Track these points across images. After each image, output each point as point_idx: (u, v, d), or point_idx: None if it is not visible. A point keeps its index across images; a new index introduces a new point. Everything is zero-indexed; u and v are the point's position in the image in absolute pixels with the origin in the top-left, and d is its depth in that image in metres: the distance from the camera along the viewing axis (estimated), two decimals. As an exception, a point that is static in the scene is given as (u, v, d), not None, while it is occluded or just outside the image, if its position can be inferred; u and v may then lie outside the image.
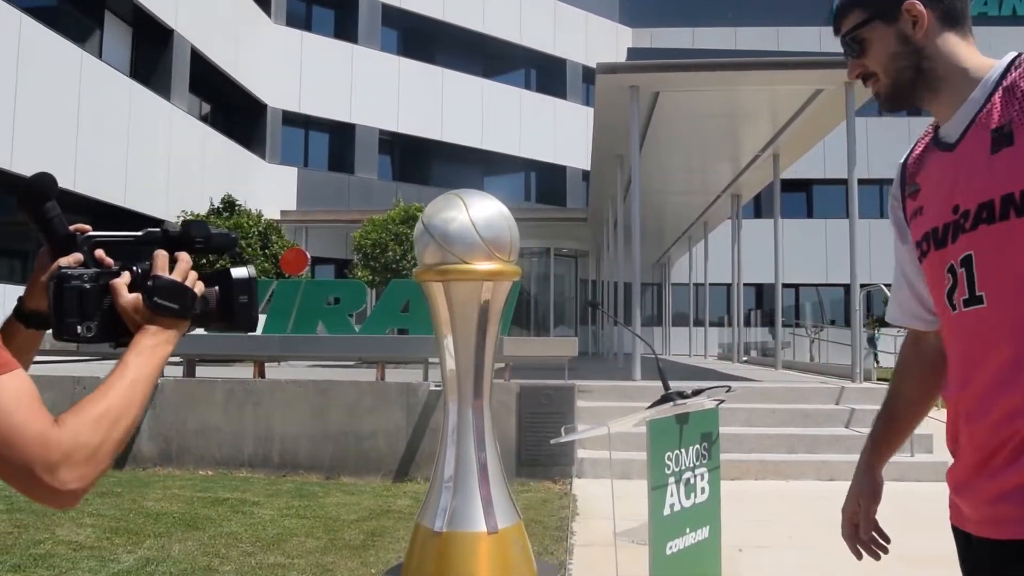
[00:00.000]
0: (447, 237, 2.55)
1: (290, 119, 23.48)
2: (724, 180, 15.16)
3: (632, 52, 21.22)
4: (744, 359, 17.06)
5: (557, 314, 22.48)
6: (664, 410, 2.67)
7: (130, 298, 1.08)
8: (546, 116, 27.67)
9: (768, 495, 6.22)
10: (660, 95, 10.30)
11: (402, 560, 2.88)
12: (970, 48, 1.33)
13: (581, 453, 6.84)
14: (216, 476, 6.87)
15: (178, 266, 1.11)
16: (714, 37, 28.10)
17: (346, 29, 24.60)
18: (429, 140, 25.56)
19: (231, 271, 1.17)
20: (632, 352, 9.24)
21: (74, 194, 14.05)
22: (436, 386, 7.02)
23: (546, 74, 28.47)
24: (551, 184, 28.03)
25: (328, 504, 5.73)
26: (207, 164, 18.99)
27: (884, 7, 1.34)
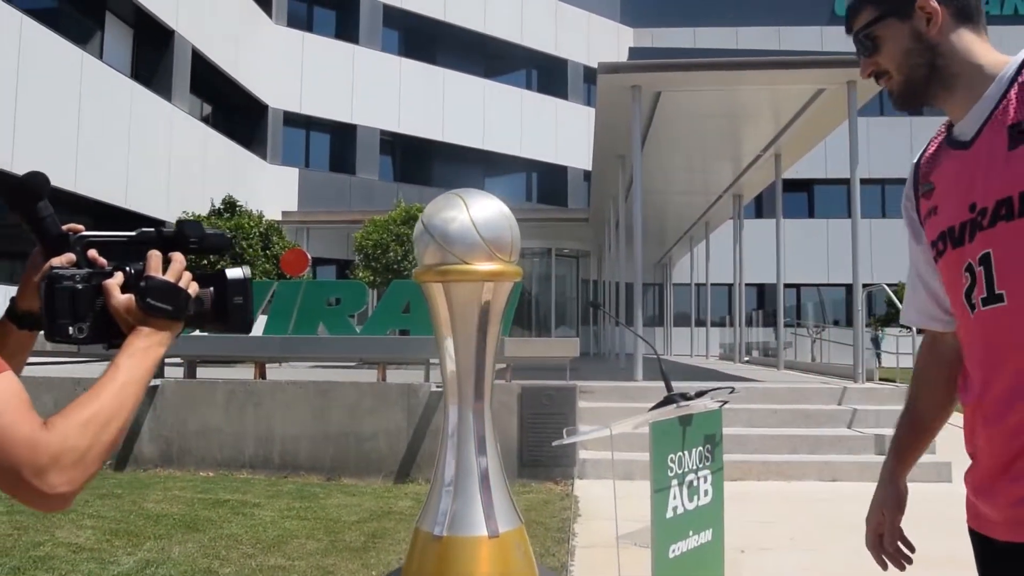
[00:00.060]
0: (447, 237, 2.52)
1: (291, 120, 23.46)
2: (726, 180, 15.14)
3: (634, 52, 21.21)
4: (746, 359, 17.04)
5: (559, 315, 22.46)
6: (667, 412, 2.65)
7: (123, 299, 1.07)
8: (547, 116, 27.65)
9: (770, 496, 6.20)
10: (662, 95, 10.29)
11: (402, 562, 2.86)
12: (984, 45, 1.31)
13: (583, 454, 6.82)
14: (217, 477, 6.86)
15: (171, 267, 1.10)
16: (715, 37, 28.09)
17: (347, 30, 24.58)
18: (430, 141, 25.55)
19: (226, 272, 1.16)
20: (634, 353, 9.22)
21: (75, 195, 14.05)
22: (437, 387, 7.00)
23: (547, 74, 28.45)
24: (552, 184, 28.01)
25: (329, 505, 5.71)
26: (208, 165, 18.98)
27: (898, 4, 1.32)
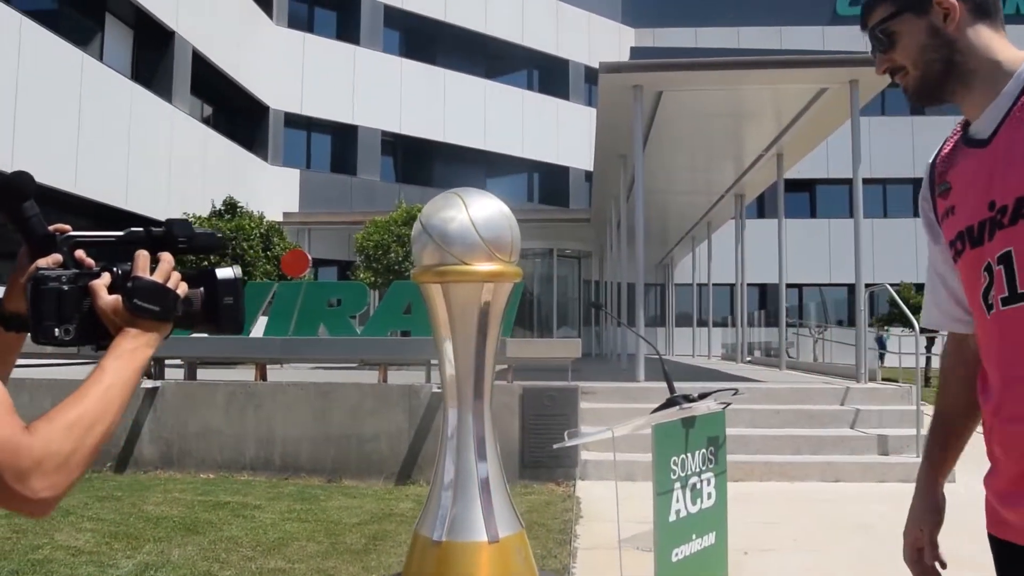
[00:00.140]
0: (446, 237, 2.48)
1: (292, 121, 23.45)
2: (728, 180, 15.11)
3: (635, 51, 21.19)
4: (748, 359, 17.01)
5: (560, 315, 22.44)
6: (670, 414, 2.62)
7: (109, 300, 1.05)
8: (549, 117, 27.63)
9: (773, 497, 6.17)
10: (663, 95, 10.25)
11: (403, 565, 2.83)
12: (1003, 41, 1.29)
13: (584, 455, 6.79)
14: (217, 479, 6.84)
15: (159, 267, 1.08)
16: (717, 37, 28.06)
17: (348, 30, 24.57)
18: (431, 141, 25.53)
19: (216, 271, 1.14)
20: (636, 353, 9.19)
21: (75, 196, 14.04)
22: (439, 388, 6.97)
23: (549, 75, 28.43)
24: (554, 185, 27.99)
25: (330, 507, 5.69)
26: (209, 166, 18.95)
27: None
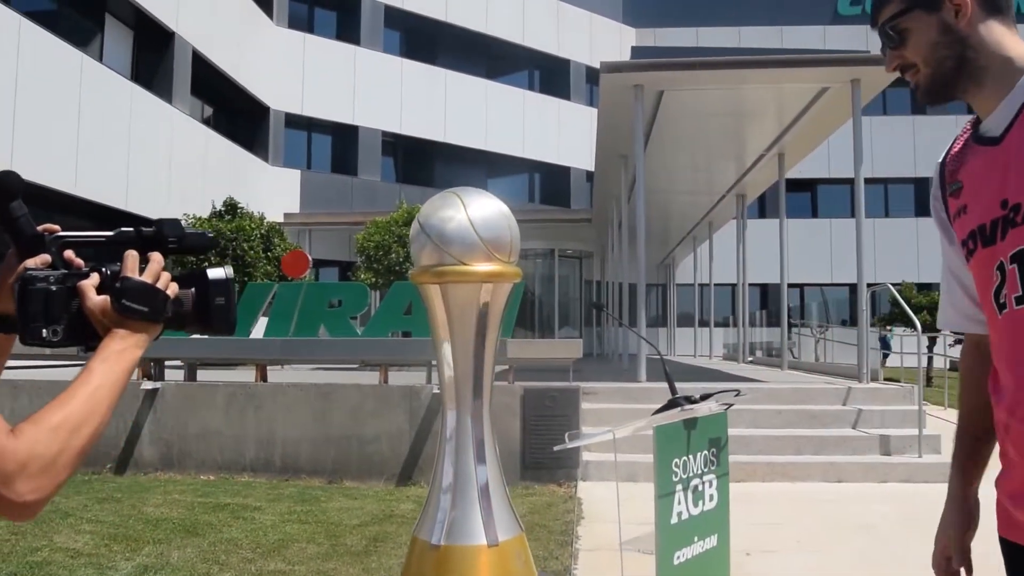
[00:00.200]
0: (444, 237, 2.45)
1: (292, 121, 23.44)
2: (729, 180, 15.08)
3: (636, 51, 21.12)
4: (749, 359, 16.97)
5: (561, 316, 22.41)
6: (671, 415, 2.60)
7: (98, 300, 1.03)
8: (550, 117, 27.62)
9: (775, 497, 6.15)
10: (665, 94, 10.23)
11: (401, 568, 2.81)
12: (1014, 37, 1.27)
13: (586, 456, 6.77)
14: (218, 481, 6.82)
15: (149, 267, 1.06)
16: (718, 36, 28.04)
17: (348, 31, 24.56)
18: (432, 142, 25.52)
19: (207, 272, 1.12)
20: (637, 354, 9.16)
21: (75, 197, 14.02)
22: (439, 389, 6.95)
23: (549, 75, 28.42)
24: (555, 185, 27.97)
25: (330, 509, 5.66)
26: (209, 167, 18.94)
27: None
